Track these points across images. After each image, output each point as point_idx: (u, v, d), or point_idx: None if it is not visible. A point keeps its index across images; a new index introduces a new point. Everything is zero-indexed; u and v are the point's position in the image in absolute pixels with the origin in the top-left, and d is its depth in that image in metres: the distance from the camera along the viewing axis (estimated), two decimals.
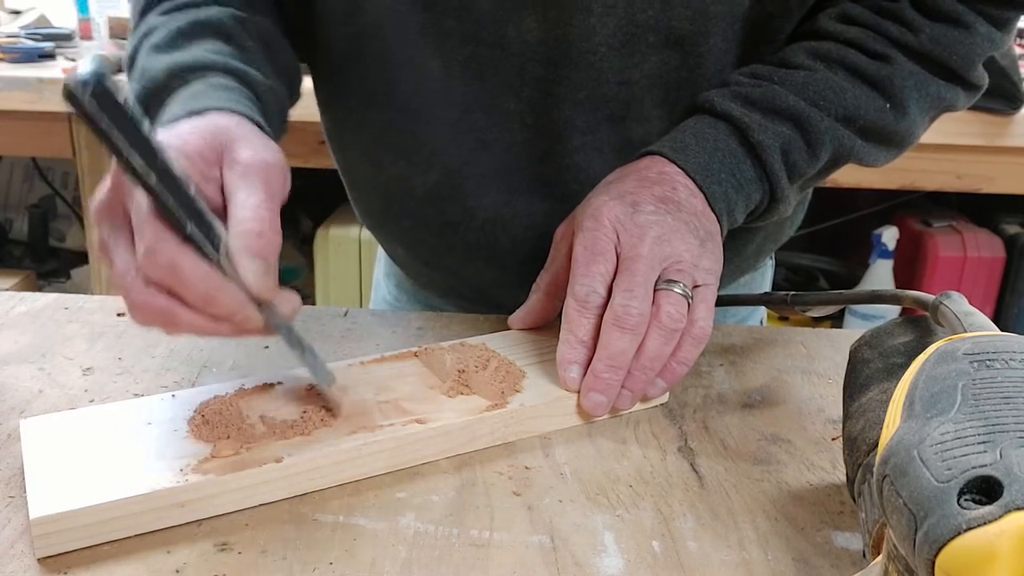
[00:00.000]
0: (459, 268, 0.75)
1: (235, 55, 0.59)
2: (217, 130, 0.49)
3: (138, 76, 0.59)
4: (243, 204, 0.46)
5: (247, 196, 0.46)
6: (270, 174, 0.48)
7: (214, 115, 0.51)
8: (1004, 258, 1.93)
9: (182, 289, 0.44)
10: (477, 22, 0.62)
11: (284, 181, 0.49)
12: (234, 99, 0.54)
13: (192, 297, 0.44)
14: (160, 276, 0.44)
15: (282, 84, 0.64)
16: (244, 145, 0.48)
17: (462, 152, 0.68)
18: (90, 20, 1.78)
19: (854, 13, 0.64)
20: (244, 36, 0.62)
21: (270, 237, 0.45)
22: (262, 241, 0.45)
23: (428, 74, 0.66)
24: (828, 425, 0.56)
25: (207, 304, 0.45)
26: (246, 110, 0.53)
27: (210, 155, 0.48)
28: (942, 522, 0.28)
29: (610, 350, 0.53)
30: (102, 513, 0.42)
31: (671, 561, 0.43)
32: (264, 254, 0.45)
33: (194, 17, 0.61)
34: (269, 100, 0.59)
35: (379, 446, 0.48)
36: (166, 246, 0.43)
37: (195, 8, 0.63)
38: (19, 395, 0.56)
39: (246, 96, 0.56)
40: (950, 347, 0.35)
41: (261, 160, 0.48)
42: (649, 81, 0.64)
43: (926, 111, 0.65)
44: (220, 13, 0.62)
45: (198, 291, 0.44)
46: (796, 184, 0.64)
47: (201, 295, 0.44)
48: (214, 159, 0.48)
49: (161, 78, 0.57)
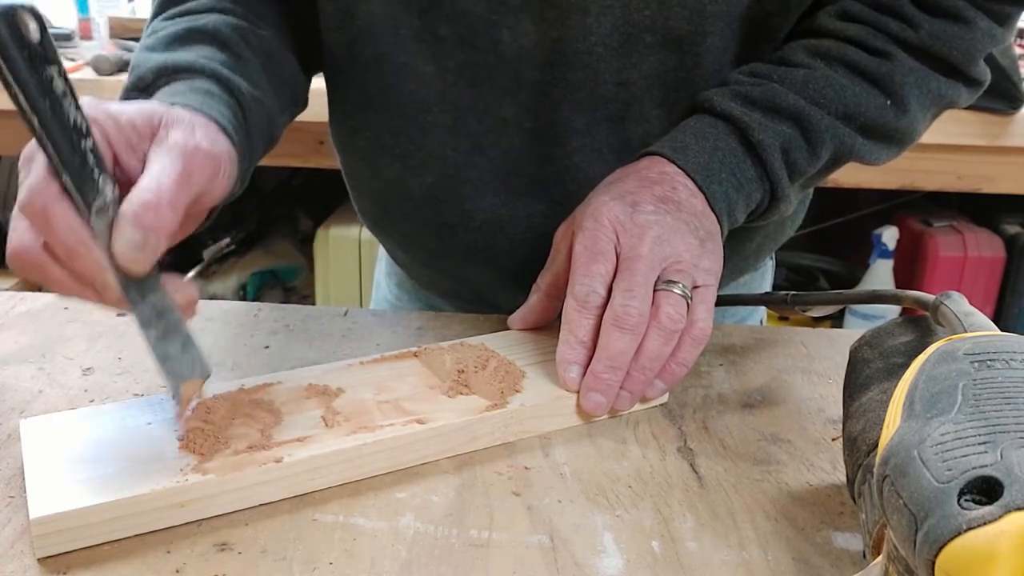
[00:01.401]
0: (458, 270, 0.75)
1: (226, 63, 0.59)
2: (161, 110, 0.49)
3: (129, 72, 0.59)
4: (150, 175, 0.45)
5: (159, 170, 0.45)
6: (195, 158, 0.47)
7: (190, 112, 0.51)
8: (1004, 258, 1.92)
9: (50, 237, 0.43)
10: (471, 27, 0.62)
11: (212, 173, 0.48)
12: (209, 103, 0.54)
13: (57, 248, 0.43)
14: (33, 219, 0.43)
15: (278, 97, 0.64)
16: (180, 128, 0.48)
17: (459, 156, 0.68)
18: (90, 20, 1.78)
19: (854, 10, 0.63)
20: (241, 46, 0.62)
21: (163, 213, 0.43)
22: (151, 215, 0.43)
23: (423, 80, 0.66)
24: (828, 425, 0.56)
25: (69, 258, 0.43)
26: (215, 113, 0.53)
27: (144, 128, 0.47)
28: (942, 522, 0.28)
29: (610, 350, 0.53)
30: (102, 513, 0.42)
31: (671, 561, 0.43)
32: (148, 227, 0.43)
33: (192, 24, 0.61)
34: (253, 110, 0.59)
35: (379, 446, 0.48)
36: (44, 191, 0.43)
37: (196, 15, 0.63)
38: (19, 395, 0.56)
39: (225, 103, 0.56)
40: (950, 347, 0.35)
41: (190, 144, 0.47)
42: (647, 81, 0.64)
43: (927, 108, 0.65)
44: (218, 21, 0.62)
45: (62, 242, 0.43)
46: (797, 183, 0.64)
47: (65, 247, 0.43)
48: (147, 133, 0.47)
49: (149, 76, 0.57)
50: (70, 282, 0.44)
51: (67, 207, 0.43)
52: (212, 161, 0.48)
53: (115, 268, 0.44)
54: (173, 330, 0.47)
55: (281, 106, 0.65)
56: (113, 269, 0.44)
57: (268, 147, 0.64)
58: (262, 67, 0.63)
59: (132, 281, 0.44)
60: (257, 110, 0.59)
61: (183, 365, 0.47)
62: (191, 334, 0.47)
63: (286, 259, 2.14)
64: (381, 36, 0.65)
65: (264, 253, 2.12)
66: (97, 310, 0.67)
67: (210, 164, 0.48)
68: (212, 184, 0.49)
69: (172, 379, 0.47)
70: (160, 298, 0.46)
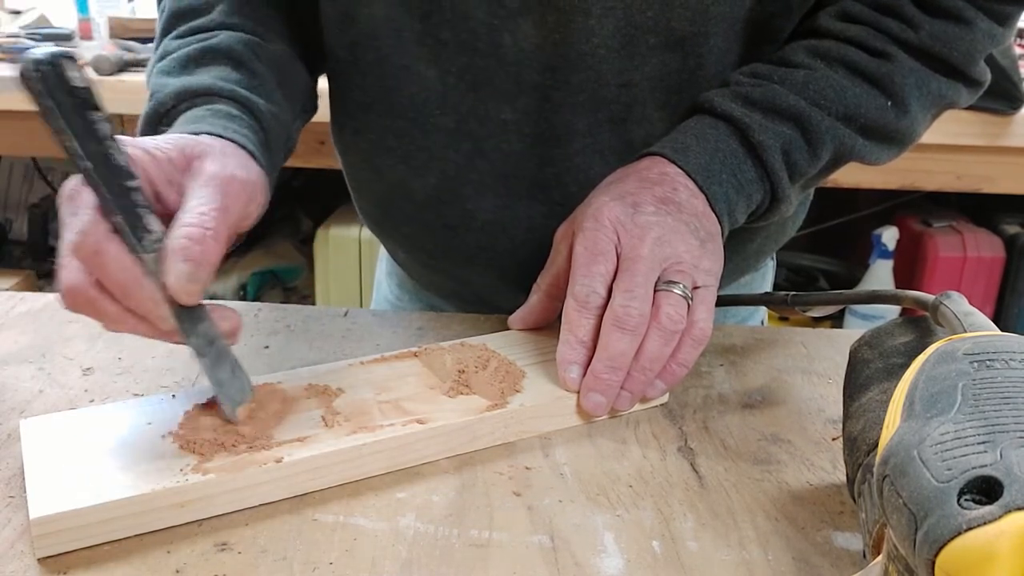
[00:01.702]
0: (459, 270, 0.75)
1: (242, 82, 0.60)
2: (194, 142, 0.50)
3: (149, 97, 0.60)
4: (191, 209, 0.46)
5: (198, 203, 0.46)
6: (231, 188, 0.48)
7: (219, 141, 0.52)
8: (1004, 258, 1.92)
9: (103, 276, 0.44)
10: (473, 32, 0.62)
11: (248, 199, 0.50)
12: (232, 127, 0.55)
13: (111, 286, 0.45)
14: (85, 259, 0.44)
15: (292, 108, 0.65)
16: (213, 159, 0.49)
17: (460, 158, 0.68)
18: (90, 20, 1.78)
19: (854, 11, 0.63)
20: (255, 62, 0.62)
21: (208, 245, 0.45)
22: (196, 247, 0.45)
23: (424, 83, 0.66)
24: (828, 425, 0.56)
25: (123, 295, 0.45)
26: (240, 138, 0.54)
27: (179, 161, 0.49)
28: (942, 522, 0.28)
29: (610, 351, 0.53)
30: (102, 513, 0.42)
31: (671, 561, 0.43)
32: (195, 260, 0.45)
33: (205, 43, 0.62)
34: (272, 127, 0.60)
35: (379, 446, 0.48)
36: (95, 231, 0.44)
37: (207, 33, 0.64)
38: (19, 395, 0.56)
39: (247, 126, 0.57)
40: (950, 347, 0.35)
41: (226, 174, 0.48)
42: (650, 83, 0.64)
43: (927, 108, 0.65)
44: (230, 39, 0.63)
45: (116, 280, 0.44)
46: (797, 184, 0.64)
47: (119, 285, 0.45)
48: (182, 165, 0.49)
49: (169, 100, 0.58)
50: (124, 317, 0.46)
51: (119, 246, 0.44)
52: (247, 188, 0.50)
53: (167, 301, 0.45)
54: (223, 356, 0.49)
55: (295, 116, 0.66)
56: (166, 302, 0.45)
57: (286, 158, 0.66)
58: (276, 81, 0.64)
59: (183, 312, 0.46)
60: (275, 126, 0.61)
61: (236, 389, 0.49)
62: (237, 358, 0.50)
63: (286, 259, 2.14)
64: (382, 39, 0.65)
65: (264, 253, 2.12)
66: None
67: (245, 192, 0.49)
68: (248, 209, 0.50)
69: (228, 403, 0.49)
70: (208, 327, 0.48)
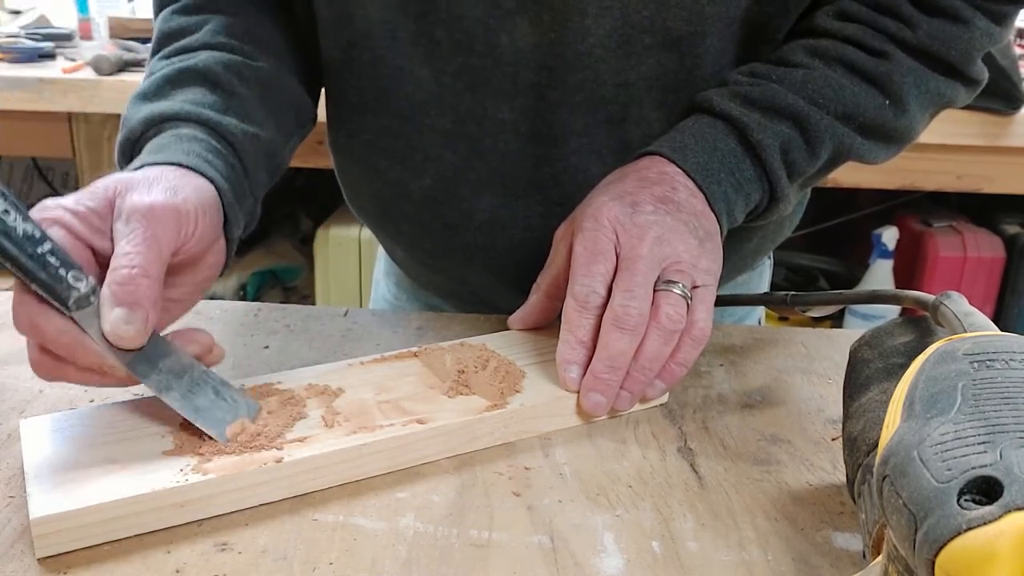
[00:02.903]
0: (457, 270, 0.75)
1: (216, 104, 0.59)
2: (115, 181, 0.49)
3: (121, 125, 0.59)
4: (118, 253, 0.46)
5: (124, 243, 0.46)
6: (154, 216, 0.46)
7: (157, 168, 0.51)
8: (1004, 258, 1.92)
9: (47, 345, 0.45)
10: (468, 32, 0.62)
11: (178, 223, 0.48)
12: (193, 151, 0.54)
13: (57, 351, 0.45)
14: (26, 334, 0.45)
15: (281, 124, 0.64)
16: (135, 192, 0.48)
17: (457, 159, 0.68)
18: (90, 20, 1.78)
19: (852, 10, 0.64)
20: (234, 82, 0.61)
21: (139, 283, 0.44)
22: (127, 288, 0.44)
23: (420, 84, 0.66)
24: (828, 425, 0.56)
25: (71, 357, 0.45)
26: (196, 160, 0.53)
27: (103, 209, 0.48)
28: (942, 522, 0.28)
29: (609, 351, 0.53)
30: (102, 513, 0.42)
31: (671, 561, 0.43)
32: (129, 302, 0.44)
33: (183, 64, 0.61)
34: (247, 147, 0.59)
35: (379, 446, 0.48)
36: (24, 307, 0.44)
37: (189, 54, 0.63)
38: (19, 395, 0.56)
39: (210, 148, 0.56)
40: (950, 347, 0.35)
41: (145, 205, 0.47)
42: (647, 83, 0.64)
43: (926, 107, 0.65)
44: (209, 59, 0.62)
45: (59, 345, 0.45)
46: (796, 183, 0.64)
47: (62, 349, 0.45)
48: (106, 212, 0.48)
49: (138, 128, 0.57)
50: (84, 376, 0.47)
51: (48, 312, 0.44)
52: (173, 212, 0.48)
53: (114, 350, 0.45)
54: (197, 384, 0.48)
55: (286, 133, 0.66)
56: (112, 352, 0.45)
57: (274, 176, 0.65)
58: (260, 99, 0.63)
59: (138, 355, 0.46)
60: (252, 147, 0.59)
61: (220, 410, 0.48)
62: (220, 381, 0.49)
63: (286, 259, 2.14)
64: (377, 40, 0.65)
65: (264, 253, 2.11)
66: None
67: (171, 215, 0.47)
68: (184, 231, 0.48)
69: (213, 427, 0.47)
70: (174, 361, 0.48)
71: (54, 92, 1.58)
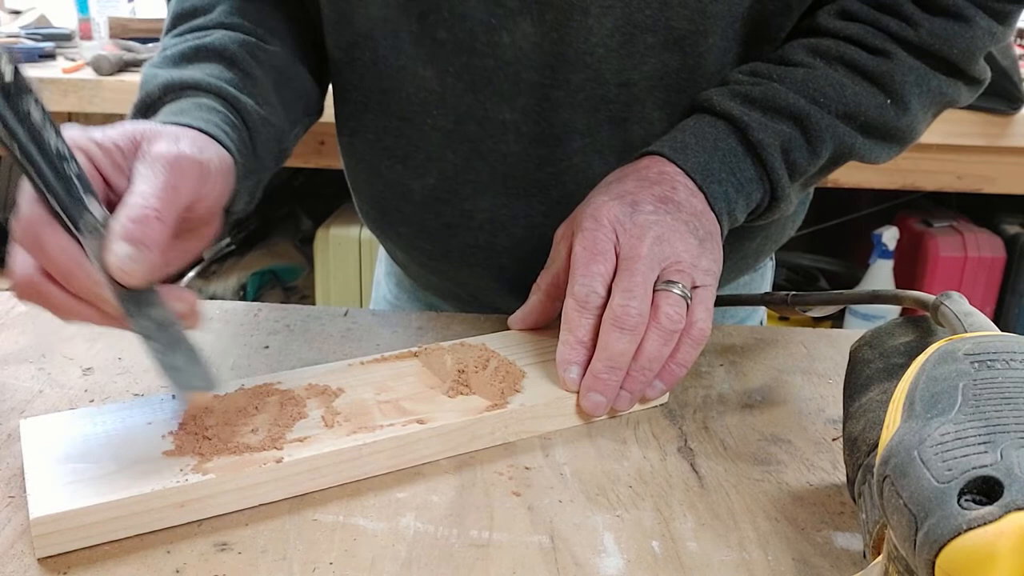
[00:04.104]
0: (458, 270, 0.75)
1: (234, 81, 0.60)
2: (144, 127, 0.49)
3: (139, 87, 0.59)
4: (135, 190, 0.45)
5: (143, 183, 0.46)
6: (178, 166, 0.47)
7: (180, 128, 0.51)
8: (1004, 258, 1.92)
9: (45, 262, 0.44)
10: (470, 31, 0.62)
11: (200, 178, 0.48)
12: (212, 120, 0.54)
13: (54, 271, 0.44)
14: (26, 246, 0.44)
15: (289, 111, 0.65)
16: (162, 140, 0.48)
17: (458, 159, 0.68)
18: (90, 20, 1.78)
19: (853, 9, 0.63)
20: (250, 63, 0.62)
21: (151, 225, 0.44)
22: (138, 227, 0.44)
23: (422, 83, 0.66)
24: (828, 425, 0.56)
25: (66, 280, 0.44)
26: (213, 128, 0.53)
27: (127, 147, 0.48)
28: (942, 522, 0.28)
29: (609, 351, 0.53)
30: (102, 513, 0.42)
31: (671, 561, 0.43)
32: (137, 240, 0.44)
33: (199, 41, 0.62)
34: (259, 129, 0.59)
35: (379, 446, 0.48)
36: (35, 219, 0.44)
37: (204, 31, 0.63)
38: (19, 395, 0.56)
39: (227, 121, 0.56)
40: (950, 347, 0.35)
41: (173, 154, 0.47)
42: (649, 82, 0.64)
43: (927, 106, 0.65)
44: (226, 38, 0.62)
45: (57, 264, 0.44)
46: (797, 183, 0.64)
47: (60, 269, 0.44)
48: (131, 151, 0.48)
49: (156, 92, 0.58)
50: (71, 304, 0.45)
51: (57, 229, 0.44)
52: (197, 167, 0.48)
53: (112, 285, 0.44)
54: (177, 342, 0.47)
55: (293, 120, 0.66)
56: (110, 286, 0.44)
57: (279, 162, 0.65)
58: (273, 83, 0.63)
59: (130, 296, 0.45)
60: (264, 129, 0.60)
61: (190, 376, 0.47)
62: (197, 348, 0.47)
63: (286, 259, 2.14)
64: (379, 39, 0.65)
65: (264, 253, 2.11)
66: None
67: (195, 170, 0.48)
68: (203, 190, 0.49)
69: (180, 390, 0.47)
70: (161, 312, 0.47)
71: (54, 92, 1.58)
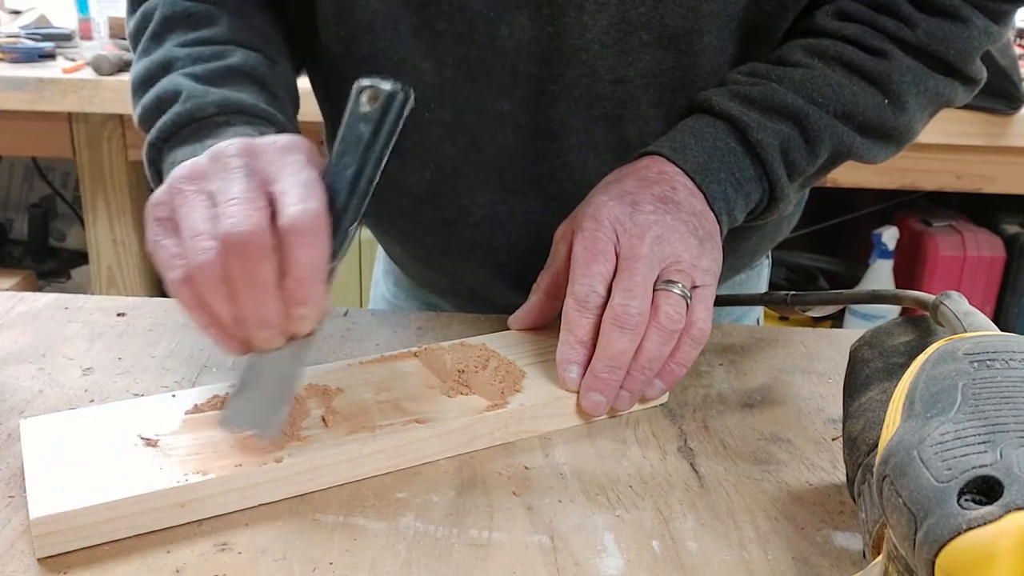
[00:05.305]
0: (455, 266, 0.75)
1: (270, 103, 0.61)
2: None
3: (183, 98, 0.58)
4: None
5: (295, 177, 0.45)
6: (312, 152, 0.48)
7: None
8: (1004, 258, 1.93)
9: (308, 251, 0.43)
10: (469, 23, 0.63)
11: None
12: None
13: (306, 262, 0.43)
14: (302, 228, 0.43)
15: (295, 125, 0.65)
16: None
17: (456, 152, 0.68)
18: (90, 20, 1.78)
19: (850, 9, 0.64)
20: (276, 85, 0.63)
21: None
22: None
23: (421, 76, 0.66)
24: (828, 425, 0.56)
25: (295, 287, 0.43)
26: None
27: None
28: (942, 522, 0.28)
29: (609, 350, 0.53)
30: (102, 513, 0.42)
31: (671, 561, 0.43)
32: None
33: (225, 62, 0.61)
34: None
35: (379, 446, 0.48)
36: (322, 220, 0.44)
37: (218, 46, 0.62)
38: (19, 395, 0.55)
39: None
40: (950, 347, 0.35)
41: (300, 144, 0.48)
42: (644, 80, 0.64)
43: (925, 106, 0.65)
44: (249, 59, 0.62)
45: (301, 272, 0.43)
46: (796, 182, 0.64)
47: (312, 264, 0.44)
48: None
49: (209, 108, 0.57)
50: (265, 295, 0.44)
51: (327, 245, 0.44)
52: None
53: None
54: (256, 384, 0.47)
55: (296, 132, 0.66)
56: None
57: None
58: (290, 104, 0.65)
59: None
60: None
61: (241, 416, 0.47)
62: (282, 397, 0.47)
63: None
64: (379, 31, 0.65)
65: None
66: (97, 310, 0.67)
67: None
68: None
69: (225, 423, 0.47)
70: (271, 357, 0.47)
71: (54, 92, 1.58)
